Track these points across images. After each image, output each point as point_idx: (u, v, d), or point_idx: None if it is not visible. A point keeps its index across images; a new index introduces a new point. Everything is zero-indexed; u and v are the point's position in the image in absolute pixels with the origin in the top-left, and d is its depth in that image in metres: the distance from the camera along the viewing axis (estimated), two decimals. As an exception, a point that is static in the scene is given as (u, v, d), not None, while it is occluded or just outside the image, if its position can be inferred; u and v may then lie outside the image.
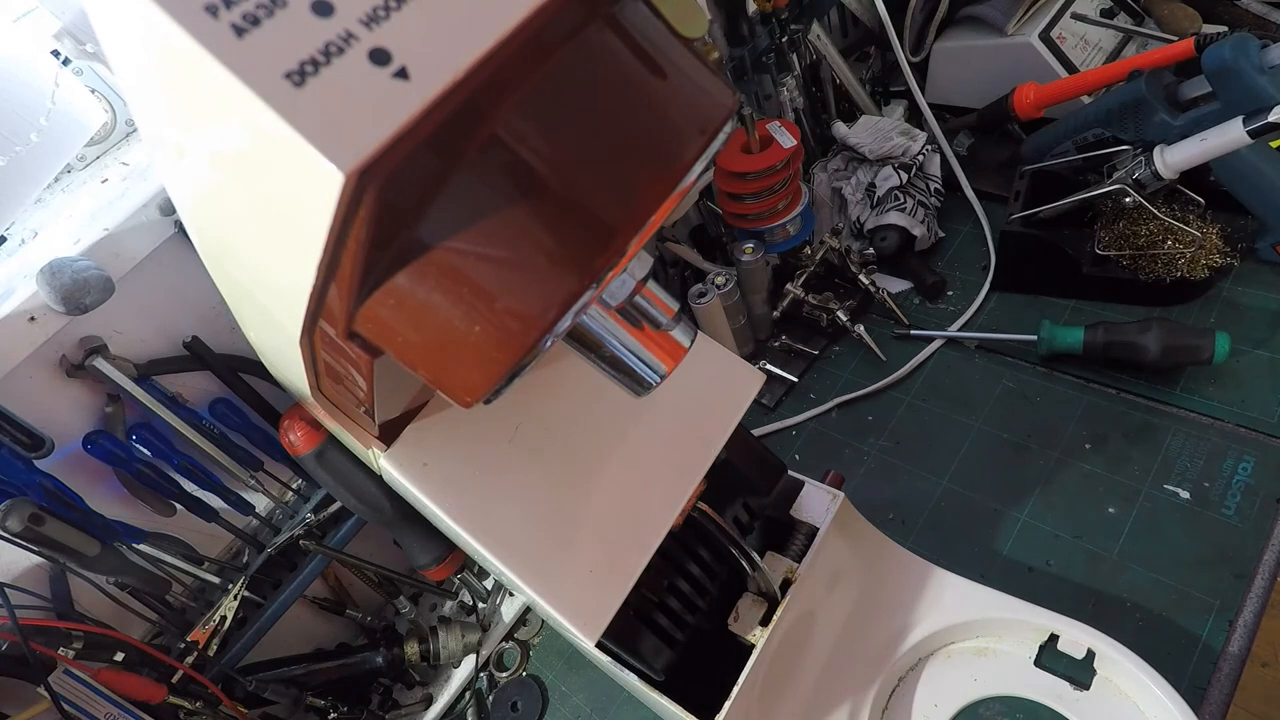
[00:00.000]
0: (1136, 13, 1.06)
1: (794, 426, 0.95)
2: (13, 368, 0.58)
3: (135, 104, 0.30)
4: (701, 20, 0.77)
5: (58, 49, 0.74)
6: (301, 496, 0.77)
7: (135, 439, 0.64)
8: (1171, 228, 0.83)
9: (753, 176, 0.87)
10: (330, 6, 0.20)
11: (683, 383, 0.56)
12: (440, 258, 0.26)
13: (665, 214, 0.29)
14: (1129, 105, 0.85)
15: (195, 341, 0.67)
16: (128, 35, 0.23)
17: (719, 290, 0.93)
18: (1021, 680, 0.65)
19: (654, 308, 0.38)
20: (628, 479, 0.56)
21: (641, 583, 0.54)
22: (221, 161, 0.25)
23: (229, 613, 0.68)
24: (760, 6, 0.95)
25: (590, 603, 0.52)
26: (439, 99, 0.20)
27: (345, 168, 0.19)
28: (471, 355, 0.28)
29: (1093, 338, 0.82)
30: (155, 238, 0.64)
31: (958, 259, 1.04)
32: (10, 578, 0.60)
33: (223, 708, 0.67)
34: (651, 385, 0.40)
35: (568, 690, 0.83)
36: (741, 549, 0.61)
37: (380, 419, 0.48)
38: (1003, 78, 1.04)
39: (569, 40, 0.26)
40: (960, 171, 1.07)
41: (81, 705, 0.56)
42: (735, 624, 0.63)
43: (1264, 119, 0.70)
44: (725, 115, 0.30)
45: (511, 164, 0.25)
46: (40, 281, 0.56)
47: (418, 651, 0.82)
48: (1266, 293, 0.83)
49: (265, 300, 0.35)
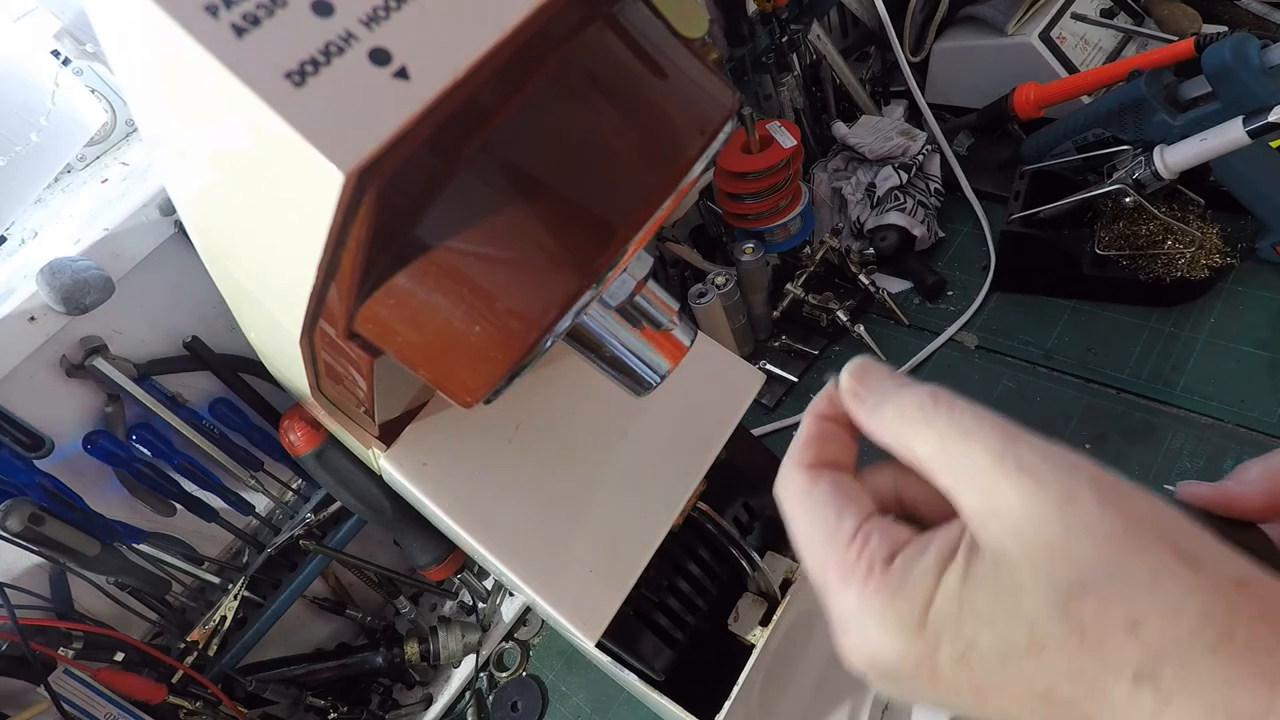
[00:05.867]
0: (1136, 13, 1.06)
1: (794, 426, 0.95)
2: (13, 368, 0.58)
3: (135, 104, 0.30)
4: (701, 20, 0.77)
5: (58, 49, 0.74)
6: (301, 496, 0.77)
7: (135, 439, 0.64)
8: (1171, 228, 0.83)
9: (753, 176, 0.87)
10: (330, 6, 0.20)
11: (683, 383, 0.56)
12: (440, 258, 0.26)
13: (666, 214, 0.29)
14: (1129, 105, 0.85)
15: (195, 341, 0.67)
16: (128, 35, 0.23)
17: (719, 290, 0.93)
18: (1021, 680, 0.65)
19: (654, 308, 0.38)
20: (628, 479, 0.56)
21: (641, 583, 0.54)
22: (221, 161, 0.25)
23: (229, 613, 0.68)
24: (760, 6, 0.95)
25: (590, 603, 0.52)
26: (439, 99, 0.20)
27: (345, 168, 0.19)
28: (471, 355, 0.28)
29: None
30: (155, 238, 0.64)
31: (958, 259, 1.04)
32: (10, 578, 0.60)
33: (223, 708, 0.67)
34: (651, 385, 0.40)
35: (568, 690, 0.83)
36: (741, 549, 0.61)
37: (380, 419, 0.48)
38: (1003, 78, 1.04)
39: (569, 40, 0.26)
40: (960, 171, 1.07)
41: (81, 705, 0.56)
42: (735, 624, 0.63)
43: (1264, 119, 0.70)
44: (725, 115, 0.30)
45: (511, 164, 0.25)
46: (40, 281, 0.56)
47: (418, 651, 0.82)
48: (1266, 293, 0.83)
49: (265, 300, 0.35)
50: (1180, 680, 0.17)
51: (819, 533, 0.22)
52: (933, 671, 0.19)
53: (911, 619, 0.19)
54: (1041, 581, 0.18)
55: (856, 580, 0.21)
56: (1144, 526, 0.18)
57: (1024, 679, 0.18)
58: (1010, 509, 0.19)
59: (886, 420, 0.23)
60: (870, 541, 0.21)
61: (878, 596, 0.20)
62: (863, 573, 0.21)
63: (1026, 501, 0.19)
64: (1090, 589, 0.18)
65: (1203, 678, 0.17)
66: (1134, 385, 0.82)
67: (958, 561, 0.20)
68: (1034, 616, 0.18)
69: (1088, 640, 0.18)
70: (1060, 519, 0.18)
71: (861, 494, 0.23)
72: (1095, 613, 0.18)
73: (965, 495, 0.20)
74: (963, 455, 0.20)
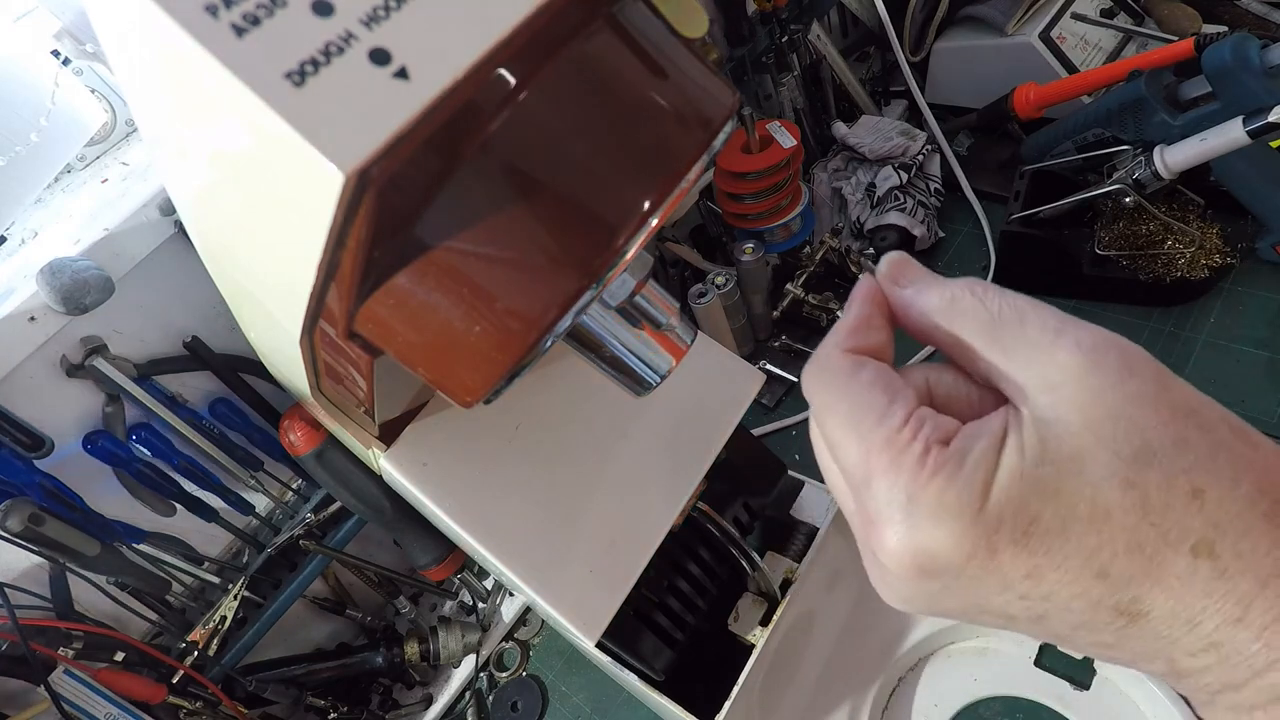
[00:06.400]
0: (1136, 13, 1.06)
1: (794, 426, 0.95)
2: (13, 368, 0.58)
3: (135, 104, 0.30)
4: (701, 20, 0.77)
5: (58, 49, 0.74)
6: (301, 496, 0.77)
7: (135, 439, 0.64)
8: (1171, 227, 0.83)
9: (753, 176, 0.87)
10: (330, 6, 0.20)
11: (683, 383, 0.56)
12: (440, 258, 0.26)
13: (666, 214, 0.29)
14: (1129, 105, 0.85)
15: (195, 341, 0.67)
16: (128, 35, 0.23)
17: (719, 290, 0.93)
18: (1022, 680, 0.65)
19: (654, 307, 0.38)
20: (628, 479, 0.56)
21: (641, 583, 0.54)
22: (221, 161, 0.25)
23: (229, 613, 0.68)
24: (760, 6, 0.95)
25: (590, 603, 0.52)
26: (439, 99, 0.20)
27: (345, 168, 0.19)
28: (471, 355, 0.28)
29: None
30: (155, 238, 0.64)
31: (958, 259, 1.04)
32: (10, 578, 0.60)
33: (223, 708, 0.67)
34: (651, 385, 0.40)
35: (568, 690, 0.83)
36: (741, 549, 0.61)
37: (380, 419, 0.48)
38: (1003, 78, 1.04)
39: (569, 40, 0.26)
40: (960, 171, 1.07)
41: (81, 705, 0.56)
42: (735, 624, 0.63)
43: (1264, 119, 0.70)
44: (725, 115, 0.30)
45: (511, 164, 0.25)
46: (40, 281, 0.56)
47: (418, 651, 0.82)
48: (1266, 293, 0.83)
49: (265, 300, 0.35)
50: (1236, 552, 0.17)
51: (868, 417, 0.21)
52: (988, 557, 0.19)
53: (971, 501, 0.19)
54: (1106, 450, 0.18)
55: (909, 464, 0.19)
56: (1202, 405, 0.19)
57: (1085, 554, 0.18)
58: (1071, 381, 0.19)
59: (931, 304, 0.22)
60: (925, 425, 0.20)
61: (935, 478, 0.19)
62: (917, 454, 0.20)
63: (1088, 373, 0.19)
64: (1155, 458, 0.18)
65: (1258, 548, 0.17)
66: (1134, 385, 0.82)
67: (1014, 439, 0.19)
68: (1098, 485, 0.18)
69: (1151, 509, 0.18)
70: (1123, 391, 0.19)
71: (907, 385, 0.22)
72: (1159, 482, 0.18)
73: (1020, 370, 0.20)
74: (1018, 333, 0.20)
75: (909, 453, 0.20)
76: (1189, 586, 0.17)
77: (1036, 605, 0.19)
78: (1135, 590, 0.18)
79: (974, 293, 0.21)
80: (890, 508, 0.20)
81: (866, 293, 0.24)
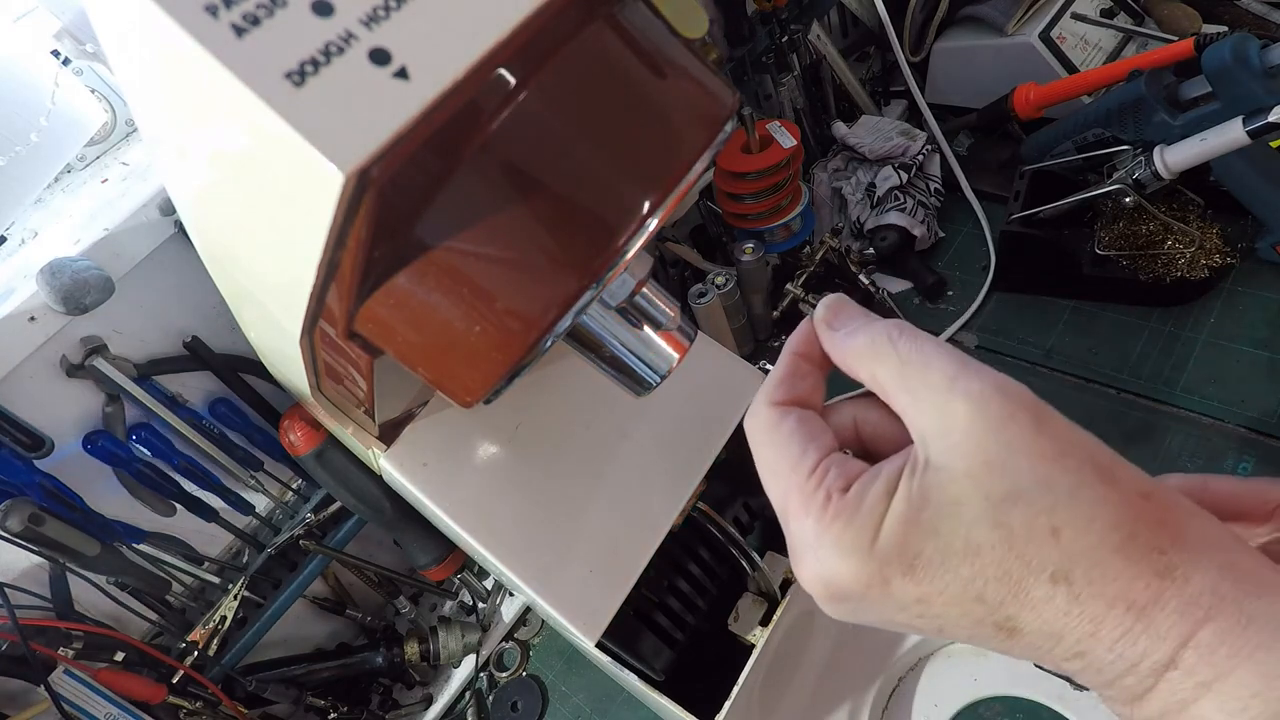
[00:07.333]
0: (1136, 13, 1.06)
1: (794, 426, 0.95)
2: (13, 368, 0.58)
3: (135, 104, 0.30)
4: (701, 20, 0.77)
5: (58, 49, 0.74)
6: (301, 496, 0.77)
7: (135, 439, 0.64)
8: (1171, 227, 0.83)
9: (753, 176, 0.87)
10: (330, 6, 0.20)
11: (683, 383, 0.56)
12: (440, 258, 0.26)
13: (667, 215, 0.29)
14: (1129, 105, 0.85)
15: (195, 341, 0.67)
16: (128, 35, 0.23)
17: (719, 290, 0.93)
18: (1022, 680, 0.65)
19: (654, 308, 0.38)
20: (628, 479, 0.56)
21: (641, 583, 0.54)
22: (221, 161, 0.25)
23: (229, 613, 0.68)
24: (760, 6, 0.95)
25: (590, 603, 0.52)
26: (439, 99, 0.20)
27: (345, 168, 0.19)
28: (471, 355, 0.28)
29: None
30: (155, 238, 0.64)
31: (958, 259, 1.04)
32: (10, 578, 0.60)
33: (223, 708, 0.67)
34: (651, 385, 0.40)
35: (568, 690, 0.83)
36: (741, 549, 0.61)
37: (380, 419, 0.48)
38: (1003, 78, 1.04)
39: (569, 40, 0.26)
40: (960, 171, 1.07)
41: (81, 705, 0.56)
42: (735, 624, 0.63)
43: (1264, 119, 0.70)
44: (725, 115, 0.30)
45: (511, 164, 0.25)
46: (40, 281, 0.56)
47: (418, 651, 0.82)
48: (1266, 293, 0.83)
49: (265, 300, 0.35)
50: (1089, 579, 0.20)
51: (784, 465, 0.24)
52: (883, 587, 0.21)
53: (864, 542, 0.21)
54: (979, 493, 0.20)
55: (815, 508, 0.22)
56: (1071, 447, 0.21)
57: (961, 582, 0.21)
58: (958, 430, 0.21)
59: (857, 348, 0.25)
60: (829, 473, 0.23)
61: (835, 522, 0.22)
62: (821, 501, 0.22)
63: (972, 422, 0.21)
64: (1021, 499, 0.20)
65: (1107, 575, 0.20)
66: (1134, 385, 0.82)
67: (905, 483, 0.22)
68: (971, 524, 0.20)
69: (1015, 544, 0.20)
70: (1001, 438, 0.21)
71: (825, 431, 0.25)
72: (1023, 520, 0.20)
73: (919, 414, 0.22)
74: (921, 377, 0.22)
75: (814, 499, 0.23)
76: (1050, 608, 0.20)
77: (933, 621, 0.22)
78: (1008, 610, 0.21)
79: (890, 337, 0.24)
80: (802, 545, 0.23)
81: (799, 341, 0.27)
